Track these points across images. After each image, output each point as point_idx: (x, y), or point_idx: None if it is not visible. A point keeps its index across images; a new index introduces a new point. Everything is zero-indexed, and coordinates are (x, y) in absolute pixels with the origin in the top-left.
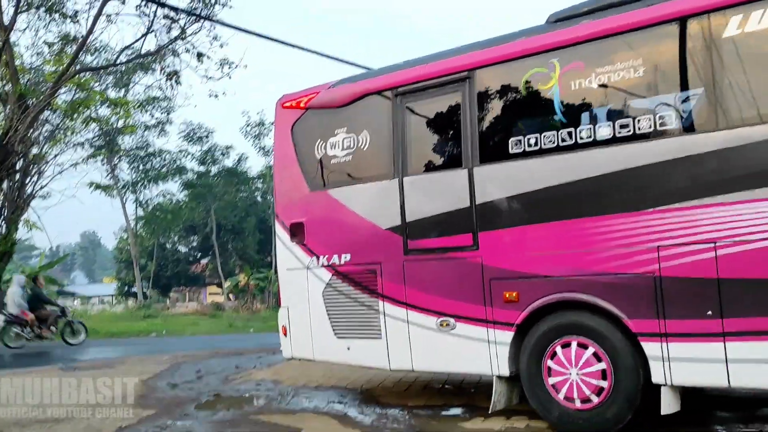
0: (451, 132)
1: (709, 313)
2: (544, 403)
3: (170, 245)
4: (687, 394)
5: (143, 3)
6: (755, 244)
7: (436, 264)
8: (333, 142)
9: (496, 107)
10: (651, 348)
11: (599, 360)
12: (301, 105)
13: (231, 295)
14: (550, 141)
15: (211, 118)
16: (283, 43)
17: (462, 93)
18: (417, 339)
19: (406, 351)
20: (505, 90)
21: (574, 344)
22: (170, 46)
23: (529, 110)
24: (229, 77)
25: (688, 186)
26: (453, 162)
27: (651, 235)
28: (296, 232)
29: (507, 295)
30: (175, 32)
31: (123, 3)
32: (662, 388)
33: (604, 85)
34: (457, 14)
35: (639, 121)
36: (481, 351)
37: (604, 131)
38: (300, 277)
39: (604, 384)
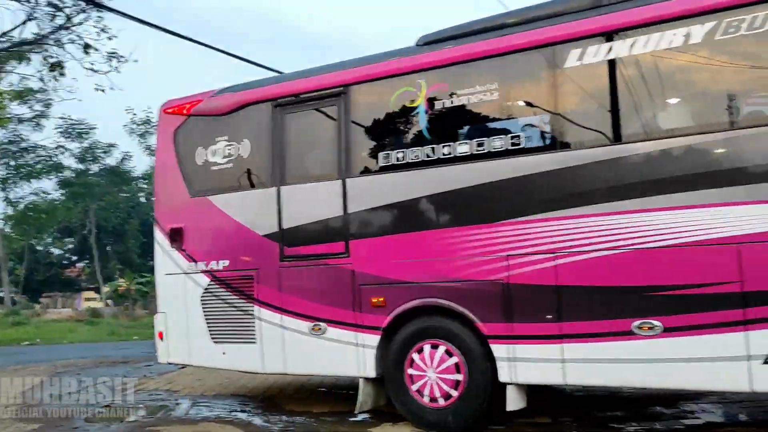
0: (327, 144)
1: (549, 317)
2: (405, 402)
3: (42, 247)
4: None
5: None
6: (588, 255)
7: (310, 270)
8: (214, 150)
9: (368, 122)
10: (499, 349)
11: (455, 361)
12: (184, 111)
13: (110, 301)
14: (415, 156)
15: (97, 114)
16: (177, 35)
17: (337, 107)
18: (291, 343)
19: (279, 355)
20: (376, 106)
21: (431, 347)
22: (54, 36)
23: (397, 126)
24: (118, 71)
25: (533, 201)
26: (328, 173)
27: (501, 246)
28: (175, 237)
29: (374, 301)
30: (59, 20)
31: None
32: (508, 387)
33: (464, 106)
34: (351, 24)
35: (493, 140)
36: (350, 354)
37: (462, 148)
38: (178, 282)
39: (458, 385)
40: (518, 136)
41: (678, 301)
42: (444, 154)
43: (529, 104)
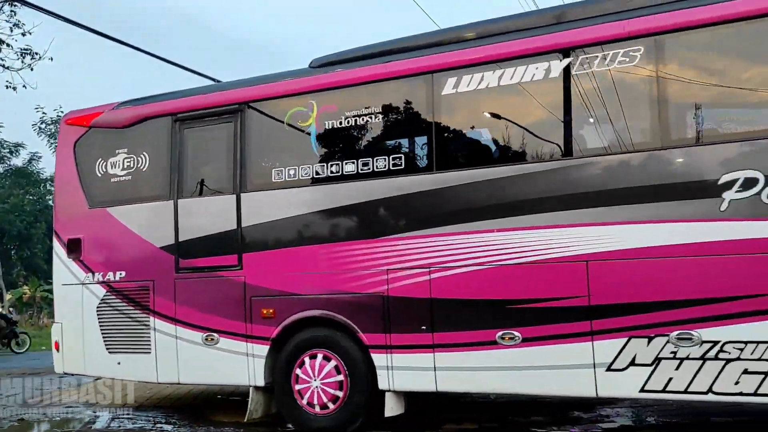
0: (223, 159)
1: (423, 327)
2: (291, 410)
3: None
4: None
5: None
6: (458, 270)
7: (204, 282)
8: (114, 162)
9: (262, 139)
10: (379, 358)
11: (338, 370)
12: (85, 123)
13: (12, 309)
14: (306, 173)
15: (3, 112)
16: (92, 31)
17: (234, 124)
18: (184, 353)
19: (174, 365)
20: (271, 124)
21: (319, 356)
22: None
23: (290, 144)
24: (31, 69)
25: (411, 219)
26: (223, 187)
27: (382, 260)
28: (73, 248)
29: (265, 312)
30: None
31: None
32: (386, 394)
33: (351, 127)
34: (310, 38)
35: (376, 160)
36: (241, 363)
37: (349, 168)
38: (75, 292)
39: (341, 392)
40: (399, 157)
41: (535, 314)
42: (332, 173)
43: (408, 128)
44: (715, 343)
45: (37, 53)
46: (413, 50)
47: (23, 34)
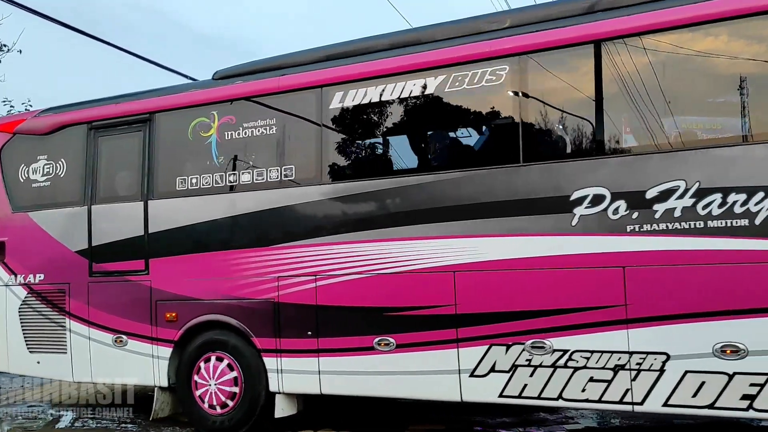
0: (133, 167)
1: (309, 333)
2: (191, 409)
3: None
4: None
5: None
6: (341, 278)
7: (114, 286)
8: (35, 168)
9: (168, 148)
10: (270, 362)
11: (232, 368)
12: (10, 129)
13: None
14: (207, 182)
15: None
16: (63, 25)
17: (143, 133)
18: (96, 354)
19: (87, 365)
20: (176, 134)
21: (212, 358)
22: None
23: (193, 154)
24: None
25: (299, 228)
26: (133, 194)
27: (273, 268)
28: None
29: (168, 316)
30: None
31: None
32: (277, 396)
33: (248, 138)
34: (305, 39)
35: (270, 171)
36: (147, 364)
37: (245, 177)
38: (0, 294)
39: (236, 391)
40: (290, 168)
41: (408, 321)
42: (230, 182)
43: (300, 140)
44: (565, 351)
45: (5, 45)
46: (311, 63)
47: None
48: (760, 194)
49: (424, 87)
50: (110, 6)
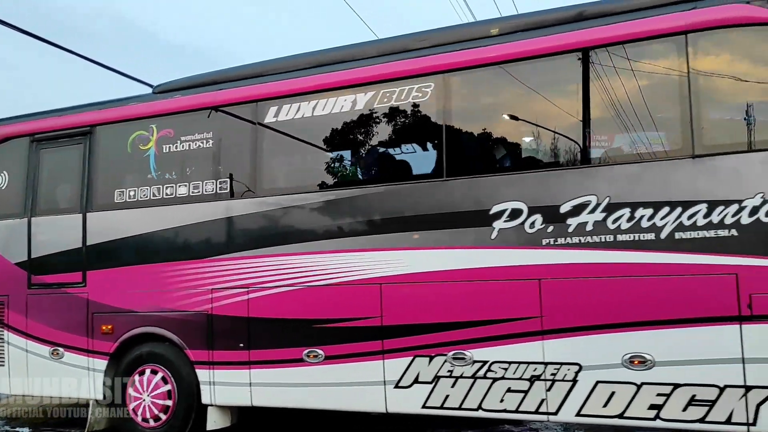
0: (73, 179)
1: (241, 345)
2: (125, 423)
3: None
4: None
5: None
6: (272, 291)
7: (52, 298)
8: None
9: (108, 161)
10: (202, 374)
11: (166, 381)
12: None
13: None
14: (144, 195)
15: None
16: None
17: (84, 145)
18: (34, 366)
19: (24, 377)
20: (116, 147)
21: (147, 371)
22: None
23: (132, 167)
24: None
25: (233, 241)
26: (72, 206)
27: (207, 280)
28: None
29: (104, 328)
30: None
31: None
32: (209, 408)
33: (186, 151)
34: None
35: (206, 184)
36: (83, 377)
37: (182, 190)
38: None
39: (170, 404)
40: (225, 182)
41: (336, 333)
42: (167, 195)
43: (235, 154)
44: (485, 362)
45: None
46: (248, 78)
47: None
48: (665, 209)
49: (354, 103)
50: (73, 14)
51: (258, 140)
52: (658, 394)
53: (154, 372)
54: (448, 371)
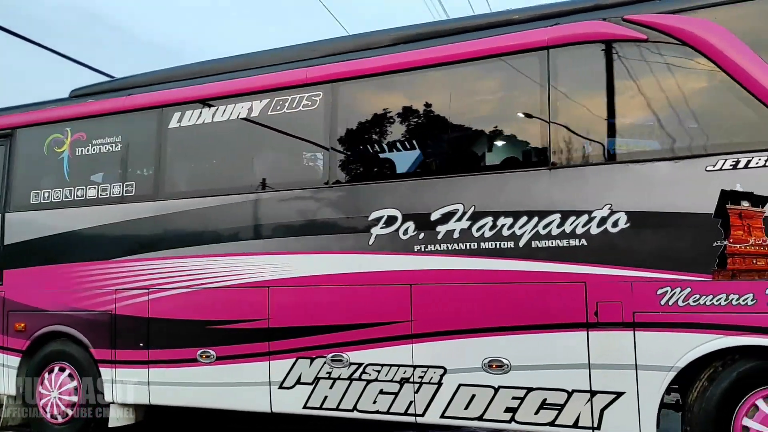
0: None
1: (141, 344)
2: (36, 419)
3: None
4: None
5: None
6: (170, 292)
7: None
8: None
9: (26, 163)
10: (105, 372)
11: (73, 378)
12: None
13: None
14: (57, 196)
15: None
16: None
17: (5, 147)
18: None
19: None
20: (34, 149)
21: (55, 369)
22: None
23: (48, 169)
24: None
25: (136, 243)
26: None
27: (112, 280)
28: None
29: (18, 326)
30: None
31: None
32: (111, 405)
33: (97, 154)
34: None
35: (113, 187)
36: (2, 371)
37: (91, 192)
38: None
39: (75, 401)
40: (131, 185)
41: (227, 334)
42: (77, 197)
43: (142, 157)
44: (360, 365)
45: None
46: (158, 84)
47: None
48: (524, 218)
49: (250, 110)
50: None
51: (160, 145)
52: (513, 398)
53: (62, 369)
54: (327, 373)
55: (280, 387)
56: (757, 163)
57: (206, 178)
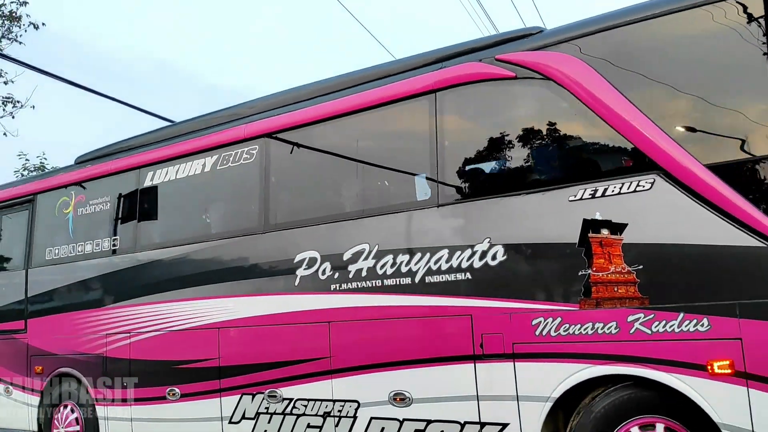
0: (21, 240)
1: (125, 384)
2: None
3: None
4: None
5: None
6: (145, 335)
7: (6, 342)
8: None
9: (44, 223)
10: (100, 410)
11: (78, 421)
12: None
13: None
14: (65, 253)
15: None
16: (76, 85)
17: (29, 211)
18: None
19: None
20: (49, 211)
21: (64, 408)
22: None
23: (58, 228)
24: (12, 117)
25: (120, 291)
26: (18, 264)
27: (103, 326)
28: None
29: (37, 369)
30: None
31: None
32: None
33: (93, 213)
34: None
35: (104, 242)
36: (24, 412)
37: (88, 248)
38: None
39: None
40: (117, 239)
41: (188, 373)
42: (78, 252)
43: (124, 213)
44: (291, 400)
45: (18, 101)
46: (142, 146)
47: (5, 83)
48: (418, 255)
49: (204, 166)
50: (115, 58)
51: (139, 202)
52: (416, 430)
53: (70, 409)
54: (266, 408)
55: (230, 422)
56: (613, 191)
57: (168, 230)
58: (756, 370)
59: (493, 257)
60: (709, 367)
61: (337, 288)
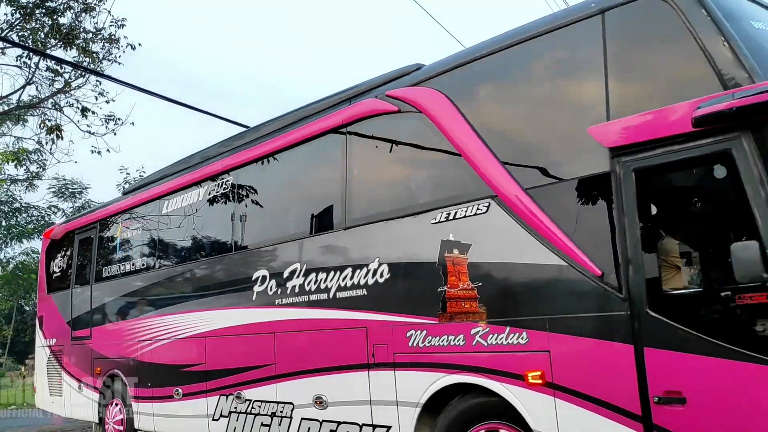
0: (88, 260)
1: (149, 384)
2: None
3: (30, 308)
4: None
5: (25, 53)
6: (161, 342)
7: (79, 347)
8: (56, 262)
9: (105, 247)
10: (135, 406)
11: (121, 414)
12: (48, 236)
13: None
14: (117, 270)
15: (90, 172)
16: (171, 100)
17: (94, 235)
18: (69, 395)
19: (69, 403)
20: (107, 235)
21: (114, 406)
22: (52, 99)
23: (111, 250)
24: (114, 134)
25: (147, 304)
26: (86, 280)
27: (136, 334)
28: (40, 322)
29: (97, 370)
30: (58, 84)
31: (2, 53)
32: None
33: (130, 238)
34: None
35: (135, 262)
36: (91, 405)
37: (127, 267)
38: (41, 352)
39: (121, 429)
40: (145, 257)
41: (187, 375)
42: (124, 270)
43: (148, 237)
44: (251, 401)
45: (119, 119)
46: (164, 178)
47: (107, 102)
48: (332, 273)
49: (198, 195)
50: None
51: (159, 227)
52: (331, 430)
53: (115, 404)
54: (234, 407)
55: (213, 419)
56: (462, 214)
57: (175, 251)
58: (561, 381)
59: (381, 275)
60: (525, 378)
61: (280, 303)
